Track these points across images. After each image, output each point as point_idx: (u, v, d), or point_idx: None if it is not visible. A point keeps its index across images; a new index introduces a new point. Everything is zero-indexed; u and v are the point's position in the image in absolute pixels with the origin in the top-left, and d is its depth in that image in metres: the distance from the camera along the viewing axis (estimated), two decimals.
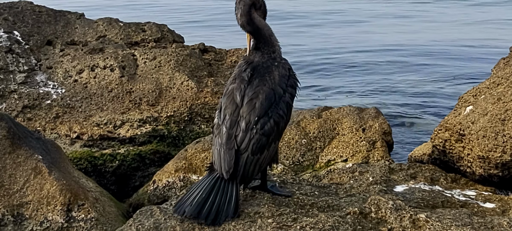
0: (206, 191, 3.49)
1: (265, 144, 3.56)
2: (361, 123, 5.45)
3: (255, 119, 3.55)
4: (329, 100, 10.24)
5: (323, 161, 5.26)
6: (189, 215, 3.41)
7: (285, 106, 3.65)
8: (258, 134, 3.54)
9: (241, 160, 3.53)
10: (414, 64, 13.18)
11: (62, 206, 4.57)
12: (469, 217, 3.61)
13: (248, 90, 3.63)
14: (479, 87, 5.09)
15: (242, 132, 3.54)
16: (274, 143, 3.65)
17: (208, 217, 3.39)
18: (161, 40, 7.49)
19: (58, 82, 6.74)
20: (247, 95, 3.61)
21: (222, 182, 3.51)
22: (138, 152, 6.17)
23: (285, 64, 3.79)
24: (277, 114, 3.60)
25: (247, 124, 3.55)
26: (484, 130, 4.44)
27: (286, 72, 3.74)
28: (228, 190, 3.49)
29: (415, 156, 5.37)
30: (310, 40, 16.07)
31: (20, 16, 7.38)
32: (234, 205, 3.46)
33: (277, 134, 3.64)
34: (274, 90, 3.63)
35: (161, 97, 6.53)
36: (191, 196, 3.50)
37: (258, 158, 3.56)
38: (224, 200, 3.46)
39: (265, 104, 3.58)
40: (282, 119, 3.63)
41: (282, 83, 3.68)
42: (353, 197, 3.92)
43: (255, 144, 3.53)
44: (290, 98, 3.70)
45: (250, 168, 3.55)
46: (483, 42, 15.44)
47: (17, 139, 4.76)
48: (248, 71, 3.70)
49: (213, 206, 3.43)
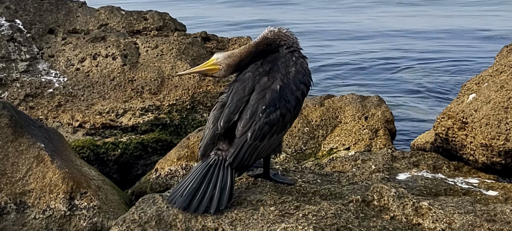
0: (197, 180, 3.44)
1: (267, 132, 3.54)
2: (363, 111, 5.44)
3: (263, 107, 3.53)
4: (331, 89, 10.22)
5: (326, 149, 5.26)
6: (180, 206, 3.37)
7: (294, 101, 3.62)
8: (262, 121, 3.51)
9: (238, 144, 3.49)
10: (417, 52, 13.13)
11: (65, 194, 4.58)
12: (472, 205, 3.61)
13: (262, 81, 3.60)
14: (482, 75, 5.07)
15: (245, 118, 3.52)
16: (277, 134, 3.61)
17: (198, 208, 3.34)
18: (163, 29, 7.48)
19: (60, 70, 6.73)
20: (259, 85, 3.59)
21: (215, 169, 3.47)
22: (140, 140, 6.18)
23: (303, 62, 3.76)
24: (285, 107, 3.57)
25: (253, 111, 3.52)
26: (487, 118, 4.43)
27: (303, 70, 3.72)
28: (222, 178, 3.44)
29: (418, 144, 5.36)
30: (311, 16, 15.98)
31: (22, 4, 7.37)
32: (228, 193, 3.40)
33: (281, 126, 3.61)
34: (287, 85, 3.61)
35: (163, 86, 6.52)
36: (183, 186, 3.47)
37: (257, 145, 3.52)
38: (218, 188, 3.40)
39: (276, 96, 3.55)
40: (289, 112, 3.60)
41: (297, 79, 3.65)
42: (356, 185, 3.91)
43: (256, 130, 3.50)
44: (301, 95, 3.67)
45: (246, 154, 3.49)
46: (488, 27, 15.36)
47: (20, 127, 4.76)
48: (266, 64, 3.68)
49: (205, 195, 3.37)
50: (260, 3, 20.89)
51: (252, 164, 3.62)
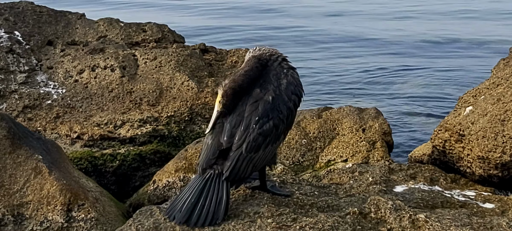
0: (195, 194, 3.48)
1: (261, 143, 3.57)
2: (361, 123, 5.45)
3: (256, 118, 3.57)
4: (329, 101, 10.23)
5: (323, 161, 5.27)
6: (179, 221, 3.41)
7: (287, 111, 3.68)
8: (255, 133, 3.55)
9: (234, 157, 3.53)
10: (414, 63, 13.15)
11: (62, 206, 4.57)
12: (469, 217, 3.62)
13: (254, 93, 3.67)
14: (479, 88, 5.09)
15: (240, 131, 3.56)
16: (271, 145, 3.65)
17: (197, 222, 3.38)
18: (162, 40, 7.50)
19: (58, 82, 6.74)
20: (252, 97, 3.65)
21: (212, 183, 3.50)
22: (138, 152, 6.18)
23: (294, 73, 3.84)
24: (278, 117, 3.62)
25: (247, 124, 3.57)
26: (484, 130, 4.45)
27: (294, 81, 3.79)
28: (218, 191, 3.47)
29: (415, 156, 5.38)
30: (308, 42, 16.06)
31: (21, 16, 7.39)
32: (224, 208, 3.44)
33: (275, 136, 3.65)
34: (279, 95, 3.67)
35: (161, 98, 6.54)
36: (181, 200, 3.50)
37: (252, 157, 3.55)
38: (214, 202, 3.44)
39: (268, 107, 3.61)
40: (282, 123, 3.65)
41: (289, 91, 3.72)
42: (353, 197, 3.92)
43: (251, 142, 3.54)
44: (293, 106, 3.73)
45: (242, 166, 3.53)
46: (485, 38, 15.39)
47: (18, 139, 4.76)
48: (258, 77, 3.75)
49: (203, 210, 3.41)
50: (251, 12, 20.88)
51: (248, 175, 3.64)
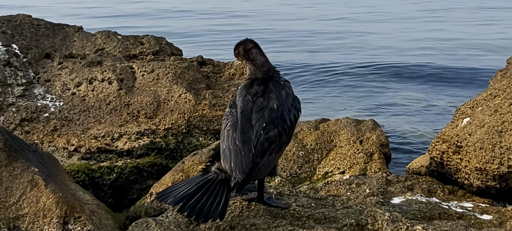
0: (194, 187, 3.47)
1: (267, 149, 3.58)
2: (358, 135, 5.44)
3: (264, 125, 3.60)
4: (326, 113, 10.23)
5: (321, 173, 5.25)
6: (172, 203, 3.38)
7: (289, 122, 3.71)
8: (262, 138, 3.57)
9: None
10: (410, 75, 13.17)
11: (58, 218, 4.55)
12: (466, 229, 3.60)
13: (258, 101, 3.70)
14: (476, 99, 5.09)
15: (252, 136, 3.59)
16: (275, 153, 3.66)
17: (191, 211, 3.34)
18: (160, 53, 7.51)
19: (56, 95, 6.74)
20: (256, 105, 3.68)
21: (213, 184, 3.49)
22: (135, 165, 6.16)
23: (289, 86, 3.89)
24: (282, 126, 3.65)
25: (256, 130, 3.59)
26: (481, 142, 4.44)
27: (291, 92, 3.85)
28: (219, 192, 3.45)
29: (413, 167, 5.36)
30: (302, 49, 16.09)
31: (19, 29, 7.40)
32: (222, 208, 3.40)
33: (278, 145, 3.66)
34: (282, 105, 3.71)
35: (159, 110, 6.53)
36: (177, 188, 3.49)
37: (258, 162, 3.56)
38: (212, 200, 3.41)
39: (274, 115, 3.65)
40: (285, 132, 3.68)
41: (288, 101, 3.77)
42: (350, 209, 3.91)
43: (258, 146, 3.55)
44: (293, 118, 3.76)
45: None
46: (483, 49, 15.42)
47: (14, 152, 4.75)
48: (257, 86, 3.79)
49: (200, 202, 3.38)
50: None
51: (255, 179, 3.65)
